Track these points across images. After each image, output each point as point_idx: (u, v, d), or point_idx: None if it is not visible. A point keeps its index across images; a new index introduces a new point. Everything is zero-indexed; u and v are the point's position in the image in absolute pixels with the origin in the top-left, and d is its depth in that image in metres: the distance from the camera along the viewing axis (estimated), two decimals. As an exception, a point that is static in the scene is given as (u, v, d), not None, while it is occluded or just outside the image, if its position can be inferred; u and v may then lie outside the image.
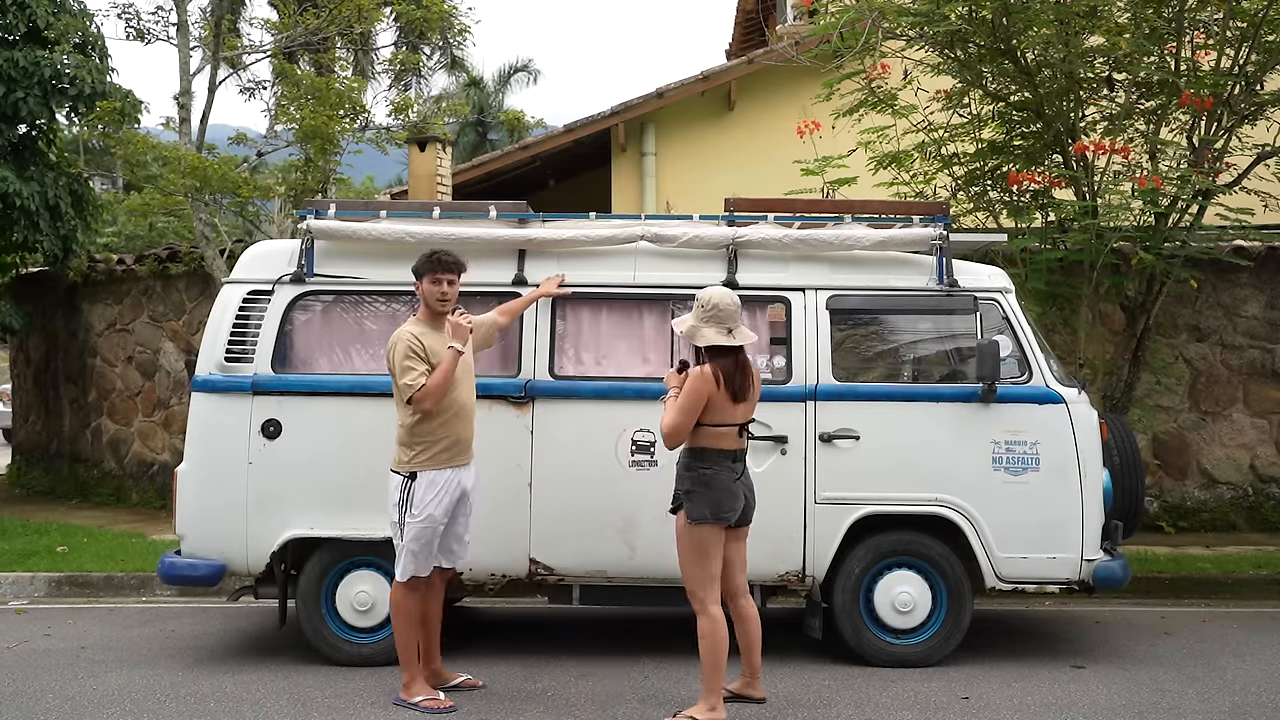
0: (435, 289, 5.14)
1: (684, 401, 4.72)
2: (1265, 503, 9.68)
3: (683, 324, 4.89)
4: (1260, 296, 9.78)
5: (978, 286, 5.87)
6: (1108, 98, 8.04)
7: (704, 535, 4.77)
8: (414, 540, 5.04)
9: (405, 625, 5.09)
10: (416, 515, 5.03)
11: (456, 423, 5.13)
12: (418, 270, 5.19)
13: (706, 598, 4.77)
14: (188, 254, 11.23)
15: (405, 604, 5.09)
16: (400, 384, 5.00)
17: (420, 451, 5.07)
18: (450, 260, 5.18)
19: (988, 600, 6.51)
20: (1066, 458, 5.67)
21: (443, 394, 5.02)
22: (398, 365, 5.01)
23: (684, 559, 4.84)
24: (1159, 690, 5.33)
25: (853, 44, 7.83)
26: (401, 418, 5.10)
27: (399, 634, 5.11)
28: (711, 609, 4.76)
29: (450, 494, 5.10)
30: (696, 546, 4.79)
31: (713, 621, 4.74)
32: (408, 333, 5.08)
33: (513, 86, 29.42)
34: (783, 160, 8.88)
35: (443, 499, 5.07)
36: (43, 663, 5.96)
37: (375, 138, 11.94)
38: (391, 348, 5.08)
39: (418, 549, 5.05)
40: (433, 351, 5.04)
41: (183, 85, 11.35)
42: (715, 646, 4.73)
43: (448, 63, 21.92)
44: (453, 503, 5.13)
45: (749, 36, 16.77)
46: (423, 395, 4.96)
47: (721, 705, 4.77)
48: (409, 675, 5.10)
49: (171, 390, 11.44)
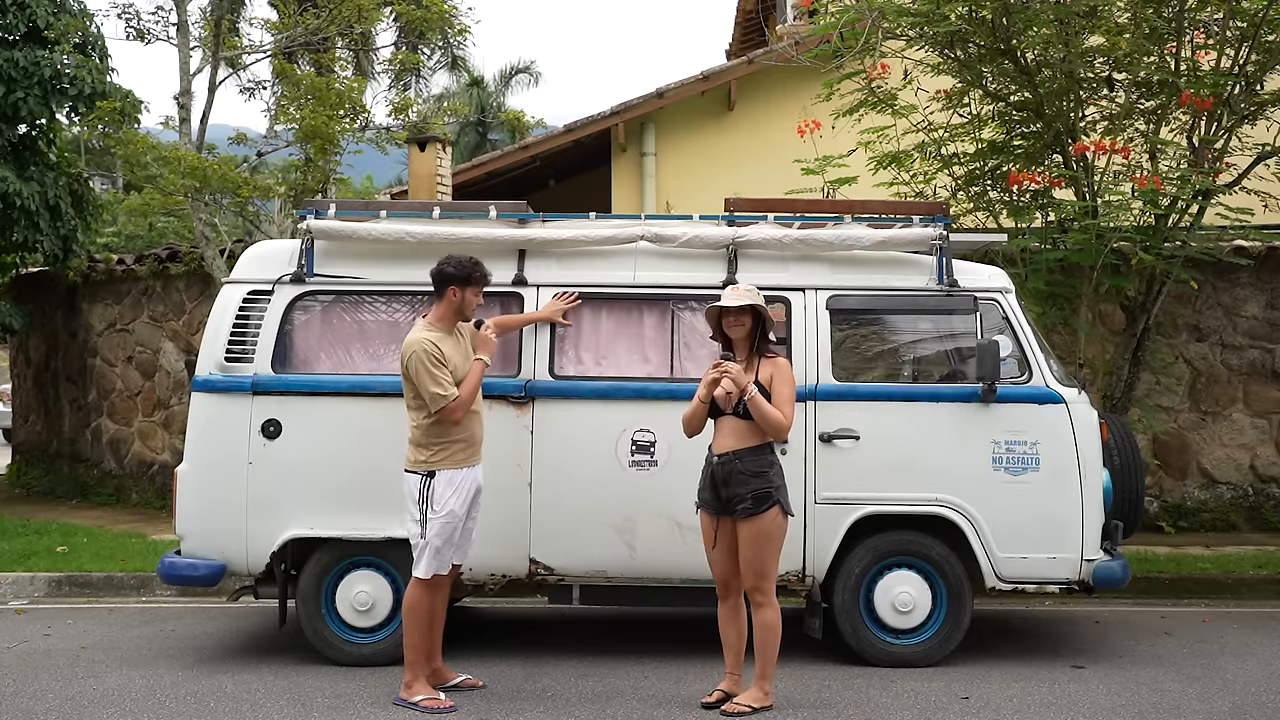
0: (476, 300, 5.20)
1: (793, 393, 4.91)
2: (1265, 503, 9.68)
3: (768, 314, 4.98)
4: (1260, 296, 9.77)
5: (978, 286, 5.87)
6: (1108, 98, 8.04)
7: (785, 526, 4.94)
8: (438, 536, 5.04)
9: (419, 624, 5.10)
10: (439, 511, 5.04)
11: (471, 423, 5.16)
12: (458, 276, 5.14)
13: (772, 589, 4.92)
14: (188, 254, 11.23)
15: (423, 603, 5.10)
16: (430, 393, 5.00)
17: (437, 451, 5.08)
18: (489, 274, 5.29)
19: (988, 600, 6.51)
20: (1066, 458, 5.67)
21: (469, 406, 5.09)
22: (422, 374, 5.00)
23: (769, 553, 4.90)
24: (1159, 690, 5.33)
25: (853, 44, 7.83)
26: (415, 420, 5.12)
27: (411, 633, 5.11)
28: (775, 600, 4.92)
29: (468, 490, 5.13)
30: (781, 538, 4.93)
31: (777, 612, 4.90)
32: (426, 340, 5.06)
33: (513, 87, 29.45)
34: (783, 160, 8.88)
35: (462, 496, 5.10)
36: (43, 663, 5.96)
37: (375, 138, 11.93)
38: (409, 354, 5.05)
39: (441, 544, 5.06)
40: (450, 359, 5.06)
41: (183, 85, 11.34)
42: (778, 636, 4.90)
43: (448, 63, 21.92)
44: (470, 499, 5.15)
45: (749, 36, 16.77)
46: (455, 407, 5.03)
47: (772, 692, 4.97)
48: (412, 675, 5.10)
49: (171, 390, 11.43)
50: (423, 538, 5.06)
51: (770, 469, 4.89)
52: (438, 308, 5.21)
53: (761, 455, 4.89)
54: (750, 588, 4.91)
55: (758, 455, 4.88)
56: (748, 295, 4.94)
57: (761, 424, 4.83)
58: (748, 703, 4.89)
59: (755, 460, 4.87)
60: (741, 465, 4.86)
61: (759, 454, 4.88)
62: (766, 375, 4.89)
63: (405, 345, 5.11)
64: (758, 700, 4.90)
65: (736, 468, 4.86)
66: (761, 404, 4.80)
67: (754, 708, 4.87)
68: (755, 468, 4.85)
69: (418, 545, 5.10)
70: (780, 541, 4.92)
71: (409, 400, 5.13)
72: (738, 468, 4.86)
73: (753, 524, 4.85)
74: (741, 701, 4.90)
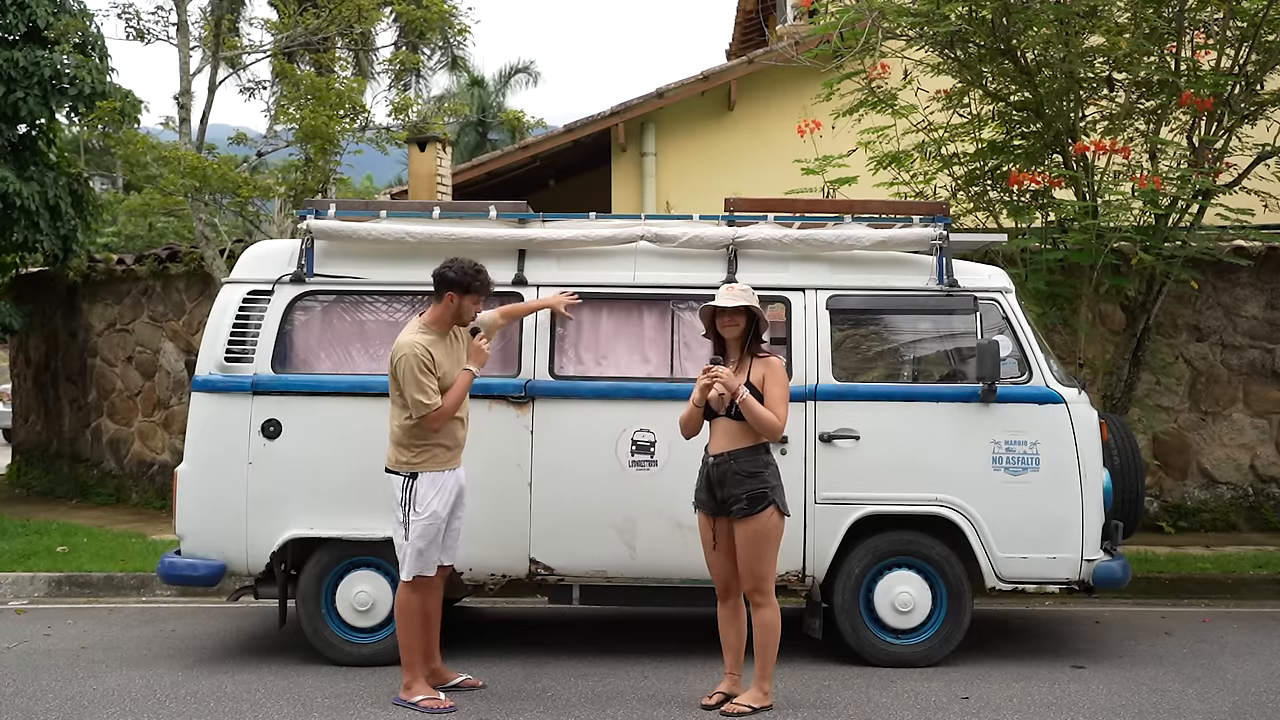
0: (475, 308, 5.18)
1: (786, 393, 4.90)
2: (1265, 503, 9.68)
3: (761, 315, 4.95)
4: (1260, 296, 9.78)
5: (978, 286, 5.87)
6: (1108, 98, 8.04)
7: (782, 526, 4.93)
8: (420, 538, 5.04)
9: (410, 625, 5.09)
10: (421, 513, 5.04)
11: (453, 427, 5.16)
12: (458, 283, 5.10)
13: (771, 589, 4.92)
14: (188, 254, 11.22)
15: (411, 604, 5.09)
16: (413, 399, 4.98)
17: (419, 453, 5.08)
18: (492, 282, 5.27)
19: (988, 600, 6.51)
20: (1066, 458, 5.67)
21: (452, 416, 5.08)
22: (409, 379, 4.98)
23: (767, 553, 4.88)
24: (1159, 690, 5.33)
25: (853, 44, 7.83)
26: (398, 419, 5.10)
27: (403, 634, 5.11)
28: (774, 600, 4.91)
29: (451, 491, 5.13)
30: (778, 538, 4.92)
31: (777, 612, 4.90)
32: (417, 344, 5.02)
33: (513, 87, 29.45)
34: (783, 160, 8.88)
35: (445, 497, 5.10)
36: (43, 663, 5.96)
37: (375, 138, 11.92)
38: (399, 356, 5.03)
39: (424, 546, 5.06)
40: (440, 365, 5.05)
41: (183, 85, 11.33)
42: (778, 636, 4.90)
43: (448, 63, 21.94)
44: (453, 500, 5.15)
45: (749, 36, 16.77)
46: (435, 417, 5.01)
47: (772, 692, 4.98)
48: (410, 676, 5.10)
49: (171, 390, 11.43)
50: (406, 540, 5.07)
51: (765, 469, 4.89)
52: (434, 309, 5.18)
53: (756, 455, 4.89)
54: (749, 589, 4.91)
55: (753, 456, 4.88)
56: (742, 295, 4.93)
57: (754, 425, 4.83)
58: (747, 703, 4.90)
59: (750, 461, 4.87)
60: (736, 466, 4.86)
61: (754, 454, 4.88)
62: (759, 375, 4.88)
63: (396, 345, 5.09)
64: (757, 700, 4.90)
65: (731, 468, 4.86)
66: (753, 406, 4.80)
67: (754, 708, 4.88)
68: (750, 468, 4.85)
69: (401, 548, 5.10)
70: (777, 541, 4.91)
71: (393, 397, 5.11)
72: (733, 468, 4.86)
73: (749, 524, 4.84)
74: (741, 702, 4.91)
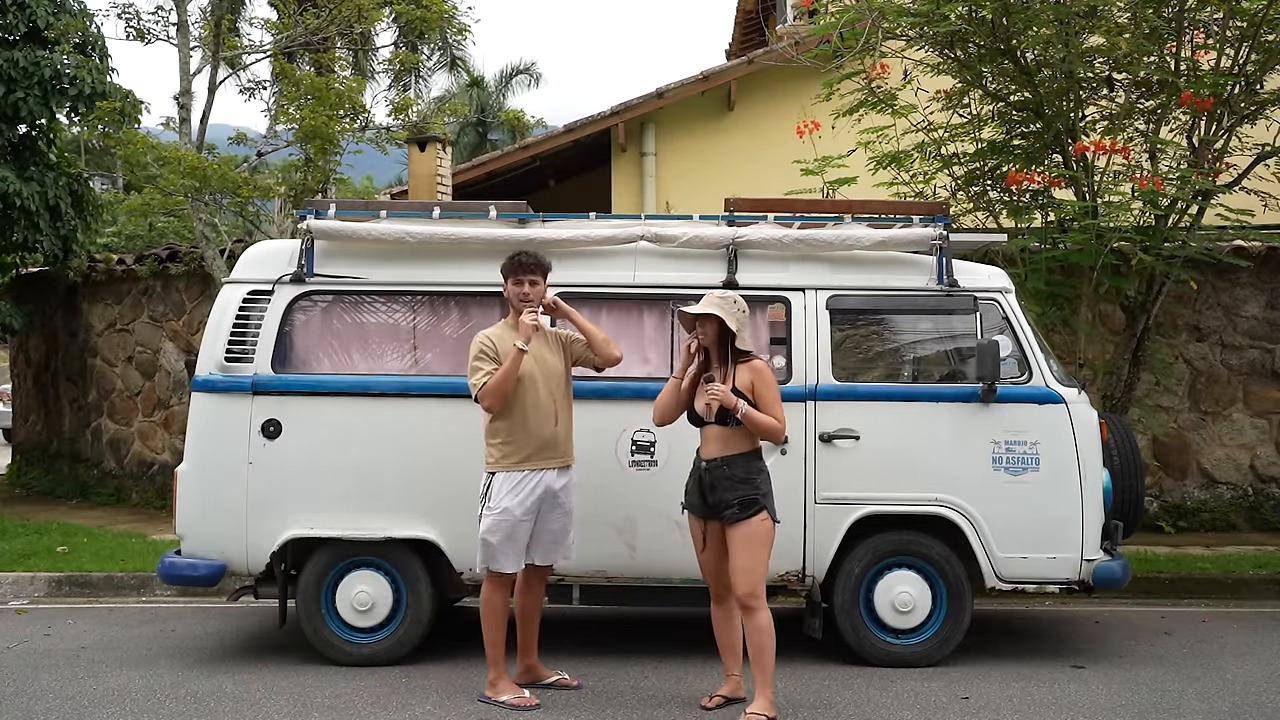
0: (518, 289, 5.19)
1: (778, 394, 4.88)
2: (1265, 503, 9.68)
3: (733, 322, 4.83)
4: (1260, 296, 9.78)
5: (978, 286, 5.87)
6: (1108, 98, 8.04)
7: (773, 532, 4.89)
8: (489, 532, 5.06)
9: (490, 621, 5.14)
10: (493, 509, 5.07)
11: (532, 424, 5.10)
12: (503, 271, 5.24)
13: (763, 593, 4.86)
14: (188, 254, 11.22)
15: (492, 600, 5.14)
16: (469, 383, 5.09)
17: (493, 449, 5.13)
18: (531, 261, 5.22)
19: (988, 600, 6.52)
20: (1066, 458, 5.67)
21: (504, 392, 5.04)
22: (469, 365, 5.11)
23: (758, 559, 4.83)
24: (1159, 690, 5.33)
25: (853, 44, 7.83)
26: (484, 417, 5.17)
27: (484, 629, 5.16)
28: (765, 604, 4.85)
29: (532, 493, 5.09)
30: (769, 544, 4.87)
31: (769, 615, 4.84)
32: (483, 333, 5.18)
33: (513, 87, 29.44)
34: (783, 160, 8.87)
35: (521, 496, 5.06)
36: (43, 663, 5.96)
37: (375, 138, 11.93)
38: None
39: (495, 541, 5.06)
40: (505, 352, 5.09)
41: (183, 85, 11.34)
42: (773, 639, 4.82)
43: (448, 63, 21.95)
44: (536, 502, 5.10)
45: (749, 36, 16.78)
46: (484, 393, 5.04)
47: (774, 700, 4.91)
48: (495, 672, 5.15)
49: (171, 390, 11.43)
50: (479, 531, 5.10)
51: (758, 475, 4.87)
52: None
53: (750, 461, 4.87)
54: (741, 594, 4.83)
55: (746, 461, 4.87)
56: (708, 303, 4.87)
57: (758, 435, 4.83)
58: (759, 711, 4.78)
59: (744, 466, 4.85)
60: (729, 471, 4.84)
61: (747, 460, 4.87)
62: (745, 381, 4.84)
63: None
64: (766, 710, 4.80)
65: (724, 473, 4.85)
66: (755, 416, 4.79)
67: (768, 717, 4.79)
68: (743, 474, 4.84)
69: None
70: (768, 547, 4.87)
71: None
72: (725, 473, 4.85)
73: (740, 529, 4.82)
74: (755, 710, 4.79)
